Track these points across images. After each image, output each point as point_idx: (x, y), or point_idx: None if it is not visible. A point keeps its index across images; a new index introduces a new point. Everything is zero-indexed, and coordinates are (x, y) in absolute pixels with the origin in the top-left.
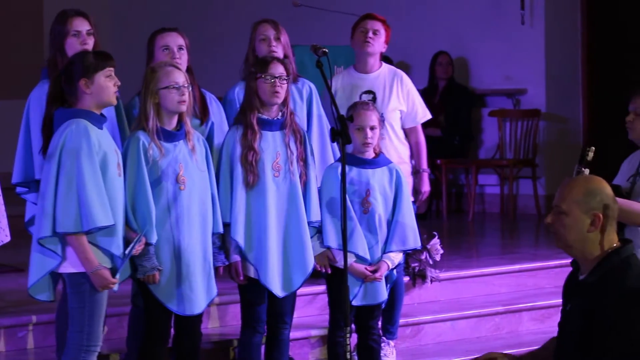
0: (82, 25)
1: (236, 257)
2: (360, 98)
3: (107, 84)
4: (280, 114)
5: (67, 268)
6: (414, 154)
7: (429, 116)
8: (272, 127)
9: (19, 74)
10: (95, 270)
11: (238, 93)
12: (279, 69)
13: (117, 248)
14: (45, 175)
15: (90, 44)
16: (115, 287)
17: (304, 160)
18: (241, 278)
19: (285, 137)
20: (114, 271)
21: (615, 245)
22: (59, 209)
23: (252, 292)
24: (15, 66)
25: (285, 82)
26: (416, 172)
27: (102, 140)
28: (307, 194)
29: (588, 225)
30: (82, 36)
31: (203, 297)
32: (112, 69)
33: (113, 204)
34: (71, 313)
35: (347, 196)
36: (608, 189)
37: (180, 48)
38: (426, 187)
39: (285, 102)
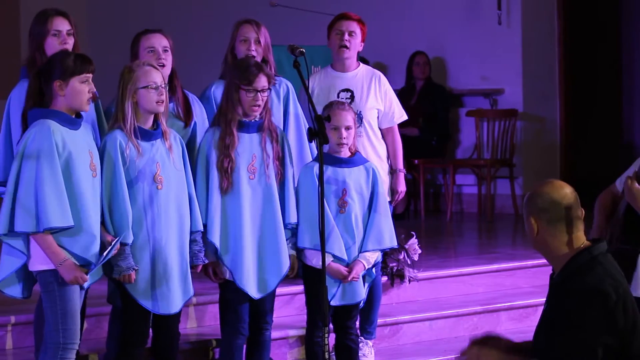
0: (62, 25)
1: (212, 258)
2: (338, 96)
3: (81, 89)
4: (258, 116)
5: (35, 266)
6: (390, 154)
7: (405, 117)
8: (250, 129)
9: None
10: (62, 262)
11: (214, 91)
12: (262, 82)
13: (83, 249)
14: (10, 174)
15: (70, 44)
16: (86, 284)
17: (280, 160)
18: (221, 277)
19: (262, 140)
20: (85, 269)
21: (584, 244)
22: (17, 209)
23: (233, 292)
24: None
25: (266, 93)
26: (392, 172)
27: (71, 141)
28: (285, 195)
29: (535, 229)
30: (62, 36)
31: (180, 296)
32: (89, 75)
33: (83, 205)
34: (45, 312)
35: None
36: (552, 192)
37: (165, 49)
38: (402, 187)
39: (264, 106)
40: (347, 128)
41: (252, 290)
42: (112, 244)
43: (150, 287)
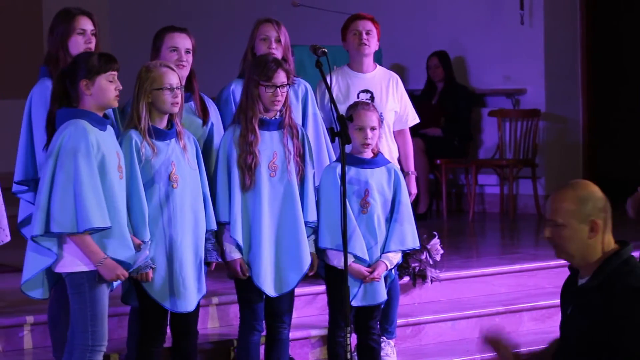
0: (87, 25)
1: (236, 255)
2: (357, 97)
3: (107, 87)
4: (278, 113)
5: (65, 267)
6: (402, 156)
7: (417, 120)
8: (270, 127)
9: (18, 74)
10: (103, 261)
11: (233, 91)
12: (281, 78)
13: (118, 250)
14: (42, 174)
15: (93, 43)
16: (114, 285)
17: (301, 157)
18: (246, 275)
19: (283, 136)
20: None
21: (613, 247)
22: (54, 209)
23: (249, 290)
24: (13, 65)
25: (286, 88)
26: (404, 174)
27: (102, 142)
28: (304, 193)
29: (588, 233)
30: (87, 35)
31: (195, 294)
32: (114, 72)
33: (114, 207)
34: (74, 314)
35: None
36: (597, 192)
37: (187, 51)
38: (414, 189)
39: (284, 103)
40: (372, 128)
41: (269, 288)
42: (142, 250)
43: (166, 285)
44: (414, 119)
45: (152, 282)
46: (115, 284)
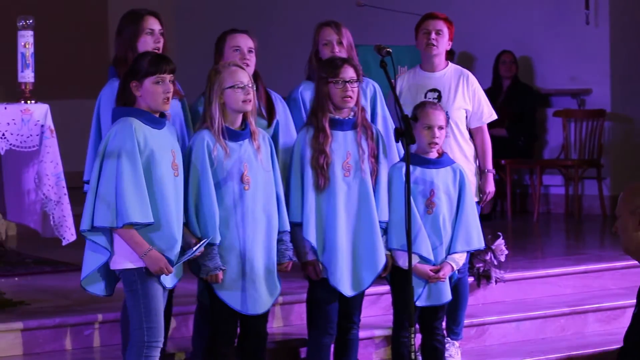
0: (155, 24)
1: (310, 257)
2: (425, 96)
3: (154, 90)
4: (352, 113)
5: (118, 264)
6: (479, 154)
7: (494, 116)
8: (344, 126)
9: (87, 74)
10: (147, 252)
11: (302, 92)
12: (349, 73)
13: (163, 247)
14: (92, 172)
15: (162, 43)
16: (170, 284)
17: (375, 157)
18: (320, 276)
19: (357, 135)
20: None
21: None
22: (97, 204)
23: (324, 291)
24: (82, 66)
25: (356, 85)
26: (481, 173)
27: (153, 139)
28: (378, 193)
29: (636, 225)
30: (155, 35)
31: (267, 296)
32: (164, 75)
33: (162, 203)
34: (129, 311)
35: (411, 196)
36: None
37: (250, 50)
38: (491, 188)
39: (356, 102)
40: (440, 127)
41: (346, 288)
42: (199, 244)
43: (237, 287)
44: (490, 115)
45: (223, 283)
46: (173, 282)
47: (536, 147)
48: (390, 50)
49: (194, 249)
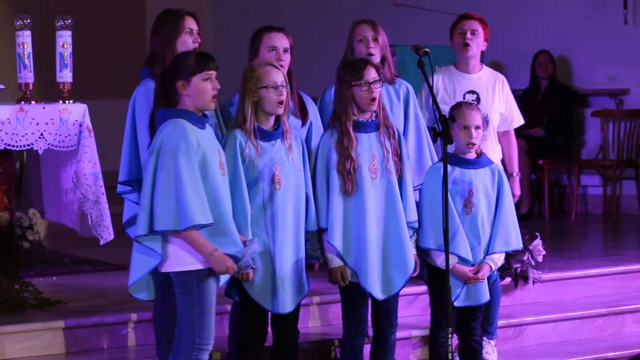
0: (193, 24)
1: (337, 263)
2: (464, 98)
3: (203, 87)
4: (374, 115)
5: (172, 267)
6: (506, 158)
7: (522, 122)
8: (367, 128)
9: (125, 74)
10: (212, 253)
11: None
12: (372, 74)
13: (223, 246)
14: (145, 174)
15: (199, 43)
16: (219, 283)
17: (399, 156)
18: (346, 282)
19: (380, 137)
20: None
21: None
22: (157, 208)
23: (354, 294)
24: (120, 66)
25: (379, 85)
26: (508, 176)
27: (203, 140)
28: (404, 193)
29: None
30: (194, 34)
31: (295, 295)
32: (211, 72)
33: (218, 204)
34: (181, 312)
35: (449, 196)
36: None
37: (285, 50)
38: (518, 191)
39: (378, 103)
40: (477, 128)
41: (377, 291)
42: (250, 241)
43: (267, 286)
44: (518, 120)
45: (253, 282)
46: (223, 282)
47: (574, 147)
48: (428, 50)
49: (250, 251)
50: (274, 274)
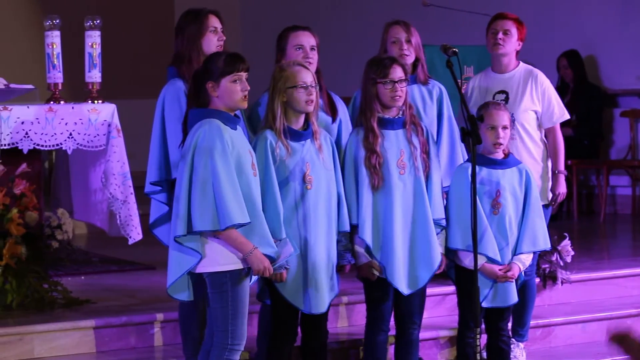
0: (217, 23)
1: (366, 259)
2: (493, 98)
3: (232, 89)
4: (400, 112)
5: (206, 267)
6: (551, 155)
7: (567, 116)
8: (394, 125)
9: (153, 74)
10: (252, 251)
11: None
12: (397, 73)
13: (259, 245)
14: (179, 175)
15: (223, 41)
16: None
17: (427, 154)
18: (375, 277)
19: (407, 132)
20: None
21: None
22: (194, 208)
23: (378, 290)
24: (149, 66)
25: (405, 84)
26: (552, 174)
27: (236, 141)
28: (431, 190)
29: None
30: (218, 33)
31: (327, 295)
32: (241, 73)
33: (251, 204)
34: (214, 313)
35: (477, 197)
36: None
37: (312, 48)
38: (563, 189)
39: (404, 101)
40: (504, 128)
41: (403, 286)
42: (282, 242)
43: (299, 286)
44: (561, 115)
45: (285, 282)
46: (254, 280)
47: (602, 147)
48: (457, 50)
49: (286, 253)
50: (305, 273)
